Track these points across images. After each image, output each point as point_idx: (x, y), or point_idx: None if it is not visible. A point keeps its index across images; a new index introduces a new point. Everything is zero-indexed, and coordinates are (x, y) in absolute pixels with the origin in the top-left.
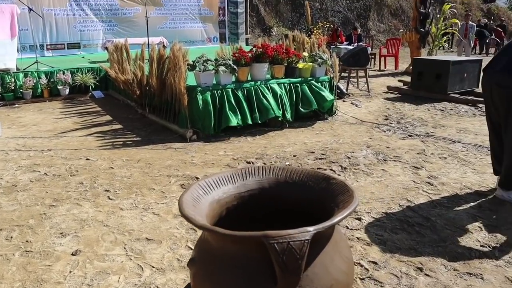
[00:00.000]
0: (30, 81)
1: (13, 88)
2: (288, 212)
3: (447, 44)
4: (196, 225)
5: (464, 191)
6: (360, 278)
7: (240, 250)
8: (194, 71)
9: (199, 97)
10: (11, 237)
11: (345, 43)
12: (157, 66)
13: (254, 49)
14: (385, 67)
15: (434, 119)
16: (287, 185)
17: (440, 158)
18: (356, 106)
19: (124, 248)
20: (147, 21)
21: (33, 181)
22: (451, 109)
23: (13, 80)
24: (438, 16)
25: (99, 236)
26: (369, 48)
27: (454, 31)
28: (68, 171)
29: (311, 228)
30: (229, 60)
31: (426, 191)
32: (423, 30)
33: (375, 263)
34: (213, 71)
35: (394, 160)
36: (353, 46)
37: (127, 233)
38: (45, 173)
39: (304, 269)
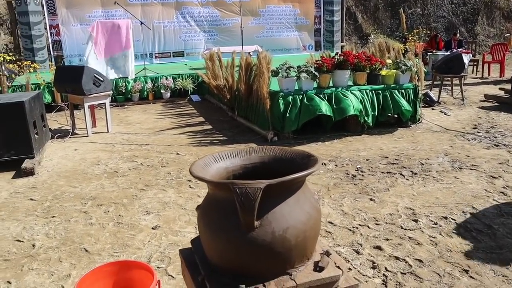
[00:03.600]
0: (138, 85)
1: (123, 91)
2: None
3: None
4: (193, 176)
5: None
6: (401, 272)
7: (223, 195)
8: (277, 77)
9: (281, 101)
10: (108, 211)
11: (443, 50)
12: (245, 73)
13: (336, 56)
14: (488, 75)
15: None
16: (281, 161)
17: None
18: (445, 114)
19: (195, 227)
20: (241, 31)
21: (131, 169)
22: None
23: (124, 84)
24: None
25: (176, 217)
26: (470, 55)
27: None
28: (160, 162)
29: (264, 181)
30: (311, 67)
31: (496, 200)
32: None
33: (420, 261)
34: (295, 77)
35: (470, 169)
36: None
37: None
38: (141, 163)
39: (265, 213)
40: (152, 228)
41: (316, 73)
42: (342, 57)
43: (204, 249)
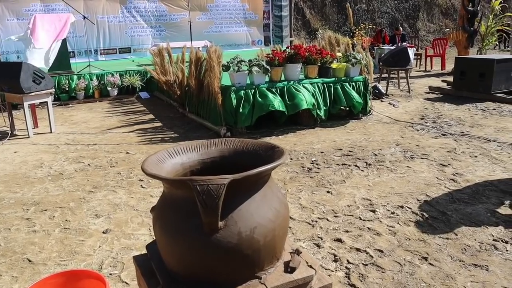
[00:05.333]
0: (82, 83)
1: (67, 89)
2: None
3: (497, 44)
4: (146, 173)
5: (488, 188)
6: (363, 264)
7: (181, 194)
8: (228, 71)
9: (233, 95)
10: (54, 216)
11: (388, 44)
12: (195, 68)
13: (287, 49)
14: (431, 68)
15: (473, 119)
16: (243, 154)
17: (470, 156)
18: (394, 106)
19: (149, 229)
20: (190, 26)
21: (77, 170)
22: (494, 109)
23: (67, 82)
24: (487, 14)
25: (128, 218)
26: (414, 49)
27: (506, 28)
28: (109, 163)
29: (228, 176)
30: (263, 61)
31: (447, 187)
32: (470, 29)
33: (381, 251)
34: (247, 71)
35: (421, 158)
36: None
37: None
38: (88, 164)
39: (230, 212)
40: (103, 232)
41: (268, 67)
42: (293, 51)
43: (161, 255)
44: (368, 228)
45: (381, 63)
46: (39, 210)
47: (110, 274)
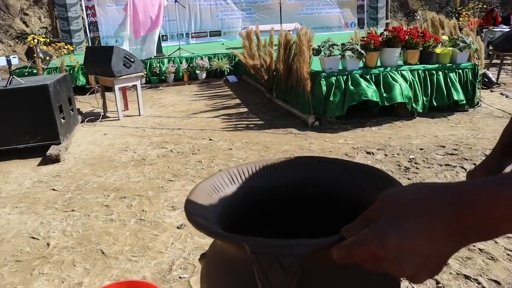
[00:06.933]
0: (172, 66)
1: (158, 72)
2: (341, 212)
3: None
4: (188, 218)
5: None
6: None
7: (239, 253)
8: (319, 56)
9: (323, 82)
10: (131, 205)
11: (501, 25)
12: (284, 51)
13: (385, 33)
14: None
15: None
16: (337, 183)
17: None
18: (507, 97)
19: None
20: (280, 7)
21: (160, 156)
22: None
23: (158, 65)
24: None
25: None
26: None
27: None
28: (191, 149)
29: (310, 241)
30: (357, 44)
31: None
32: None
33: (497, 282)
34: (339, 56)
35: None
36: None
37: None
38: (171, 150)
39: None
40: (177, 228)
41: (363, 51)
42: (391, 33)
43: None
44: (480, 250)
45: (491, 47)
46: (118, 197)
47: (180, 277)
